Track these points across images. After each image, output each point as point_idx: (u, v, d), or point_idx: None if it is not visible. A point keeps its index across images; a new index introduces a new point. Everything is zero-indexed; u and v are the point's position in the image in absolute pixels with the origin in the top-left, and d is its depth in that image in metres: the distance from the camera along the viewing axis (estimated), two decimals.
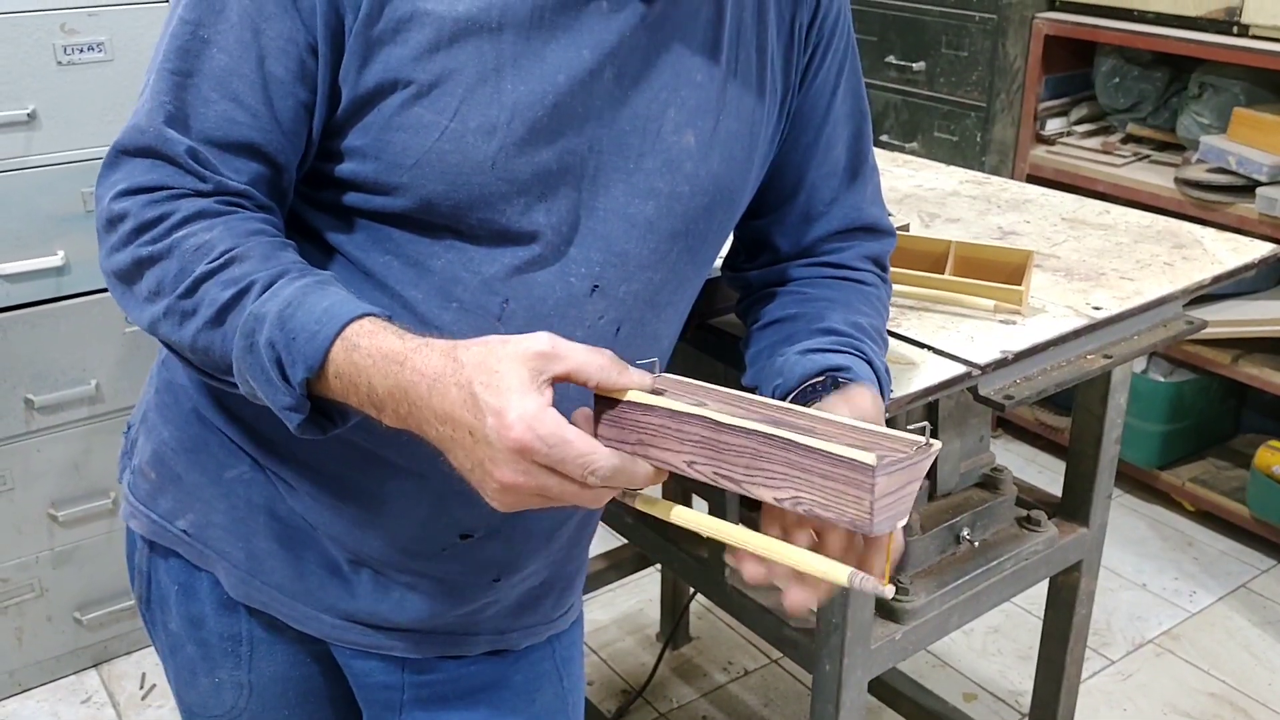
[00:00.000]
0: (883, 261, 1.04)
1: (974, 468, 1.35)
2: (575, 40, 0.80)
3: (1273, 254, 1.30)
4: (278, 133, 0.77)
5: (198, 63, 0.76)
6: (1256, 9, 2.24)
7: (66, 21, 1.82)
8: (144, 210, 0.75)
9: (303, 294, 0.72)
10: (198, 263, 0.74)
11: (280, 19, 0.75)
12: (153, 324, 0.77)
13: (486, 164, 0.78)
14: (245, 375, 0.74)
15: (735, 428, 0.67)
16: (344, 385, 0.71)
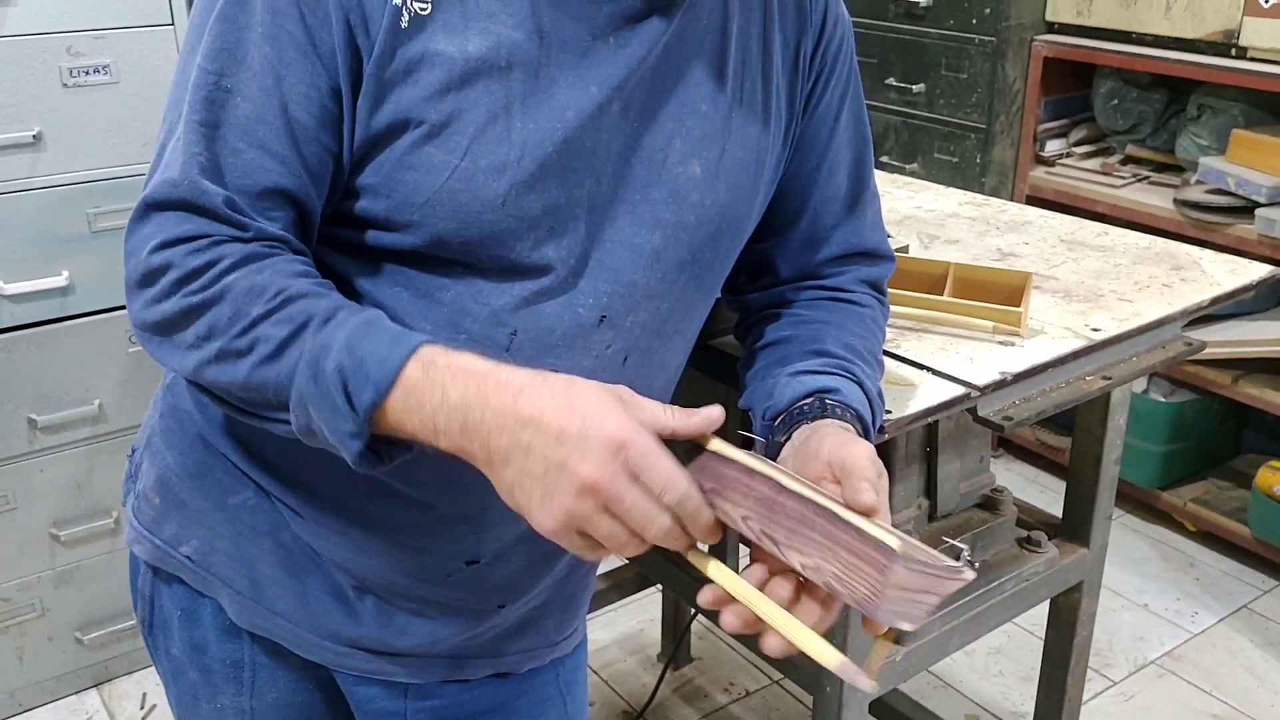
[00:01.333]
0: (881, 285, 1.05)
1: (974, 488, 1.35)
2: (582, 77, 0.81)
3: (1271, 276, 1.31)
4: (306, 177, 0.78)
5: (223, 113, 0.76)
6: (1254, 32, 2.25)
7: (73, 44, 1.83)
8: (188, 259, 0.75)
9: (368, 324, 0.73)
10: (253, 304, 0.74)
11: (301, 65, 0.76)
12: (199, 367, 0.76)
13: (497, 202, 0.79)
14: (307, 405, 0.73)
15: (795, 493, 0.71)
16: (411, 403, 0.71)
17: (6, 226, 1.84)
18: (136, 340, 0.82)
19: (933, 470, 1.30)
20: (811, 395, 0.89)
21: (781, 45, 0.93)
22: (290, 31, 0.75)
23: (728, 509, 0.73)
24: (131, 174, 1.93)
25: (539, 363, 0.84)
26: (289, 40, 0.75)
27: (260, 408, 0.77)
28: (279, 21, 0.75)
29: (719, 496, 0.73)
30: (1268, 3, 2.22)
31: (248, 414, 0.79)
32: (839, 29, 0.97)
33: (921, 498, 1.31)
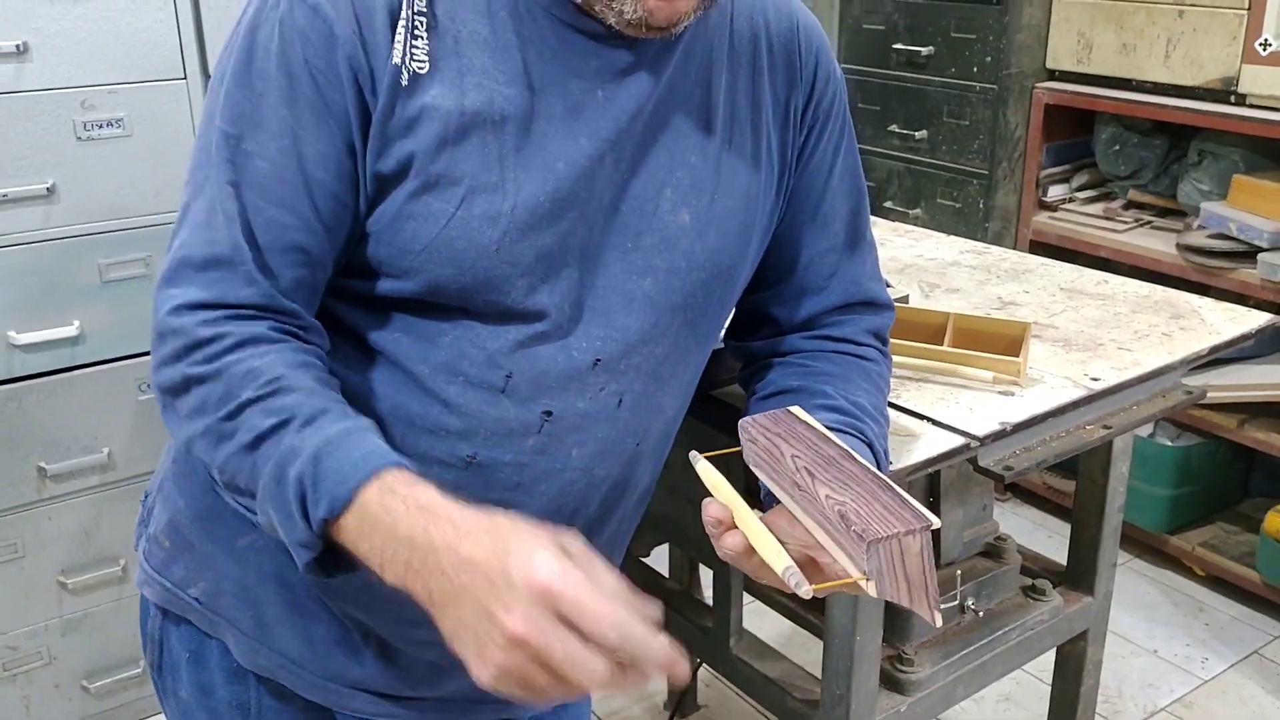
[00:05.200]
0: (883, 335, 1.06)
1: (977, 536, 1.35)
2: (574, 129, 0.83)
3: (1269, 324, 1.32)
4: (322, 232, 0.81)
5: (244, 174, 0.79)
6: (1253, 79, 2.28)
7: (87, 98, 1.87)
8: (199, 329, 0.77)
9: (342, 437, 0.74)
10: (244, 388, 0.76)
11: (316, 125, 0.79)
12: (189, 441, 0.79)
13: (491, 249, 0.81)
14: (267, 505, 0.75)
15: (855, 459, 0.78)
16: (364, 528, 0.71)
17: (19, 277, 1.86)
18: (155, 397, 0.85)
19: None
20: None
21: (772, 100, 0.96)
22: (305, 94, 0.79)
23: (782, 446, 0.78)
24: (142, 225, 1.96)
25: (535, 403, 0.86)
26: (304, 102, 0.79)
27: (233, 491, 0.80)
28: (295, 86, 0.79)
29: (781, 439, 0.78)
30: (1265, 50, 2.24)
31: (227, 493, 0.82)
32: (830, 85, 1.00)
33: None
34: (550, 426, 0.88)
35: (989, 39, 2.59)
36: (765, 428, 0.82)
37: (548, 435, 0.88)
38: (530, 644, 0.65)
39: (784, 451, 0.77)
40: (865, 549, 0.68)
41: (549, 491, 0.91)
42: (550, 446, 0.88)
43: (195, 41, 1.94)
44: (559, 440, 0.88)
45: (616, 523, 1.00)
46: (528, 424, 0.87)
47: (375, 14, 0.79)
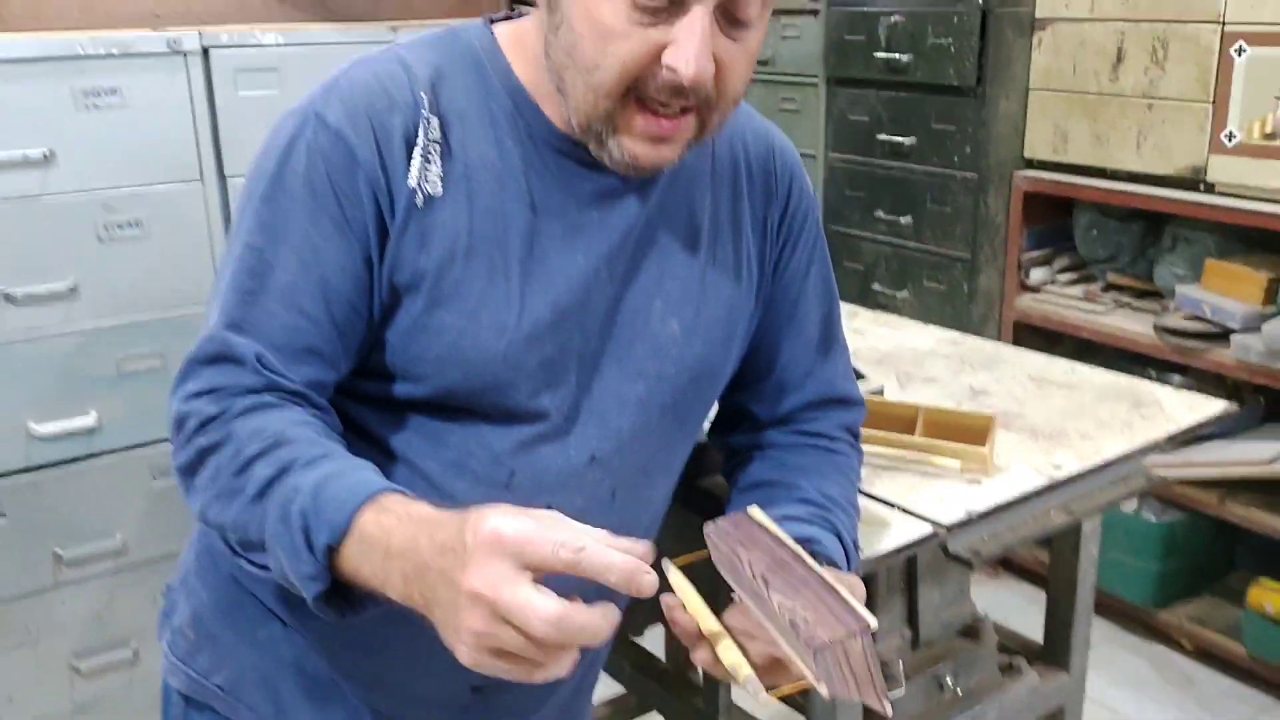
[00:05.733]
0: (855, 430, 1.14)
1: (955, 617, 1.42)
2: (572, 246, 0.92)
3: (1224, 412, 1.39)
4: (335, 337, 0.87)
5: (264, 282, 0.86)
6: (1220, 169, 2.38)
7: (109, 201, 1.97)
8: (207, 407, 0.83)
9: (339, 472, 0.78)
10: (250, 445, 0.80)
11: (336, 239, 0.86)
12: (205, 507, 0.83)
13: (498, 357, 0.89)
14: (276, 547, 0.78)
15: (803, 561, 0.82)
16: (365, 549, 0.74)
17: (40, 370, 1.95)
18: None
19: (914, 600, 1.37)
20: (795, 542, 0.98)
21: (750, 216, 1.05)
22: (328, 210, 0.86)
23: (740, 552, 0.83)
24: (158, 319, 2.05)
25: (536, 500, 0.93)
26: (326, 218, 0.86)
27: (247, 549, 0.82)
28: (318, 202, 0.86)
29: (739, 544, 0.84)
30: (1230, 142, 2.35)
31: (242, 556, 0.84)
32: (803, 201, 1.09)
33: (904, 626, 1.37)
34: None
35: (968, 130, 2.70)
36: (726, 533, 0.87)
37: None
38: (485, 595, 0.66)
39: (742, 557, 0.83)
40: (813, 655, 0.75)
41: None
42: None
43: (212, 145, 2.06)
44: None
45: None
46: None
47: (393, 140, 0.87)
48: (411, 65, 0.90)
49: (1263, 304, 2.35)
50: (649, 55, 0.83)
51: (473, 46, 0.93)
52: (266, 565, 0.82)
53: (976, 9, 2.60)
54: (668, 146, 0.88)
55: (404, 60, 0.91)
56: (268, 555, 0.81)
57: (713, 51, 0.83)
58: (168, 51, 1.96)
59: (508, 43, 0.94)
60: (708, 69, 0.83)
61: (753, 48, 0.87)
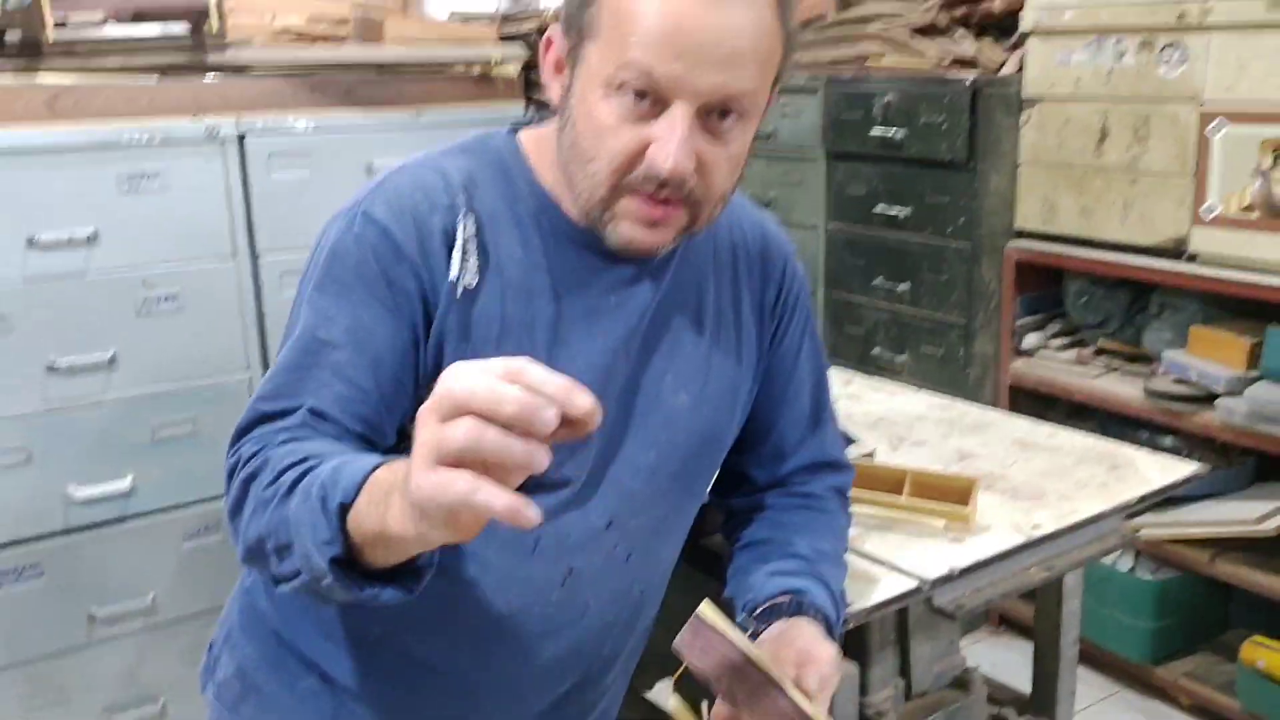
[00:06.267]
0: (844, 491, 1.24)
1: (946, 669, 1.50)
2: (592, 330, 1.03)
3: (1193, 475, 1.49)
4: (383, 407, 0.97)
5: (318, 358, 0.96)
6: (1202, 240, 2.49)
7: (148, 278, 2.09)
8: (249, 448, 0.92)
9: (357, 456, 0.83)
10: (283, 461, 0.88)
11: (386, 322, 0.97)
12: (245, 530, 0.89)
13: None
14: (297, 527, 0.81)
15: (758, 667, 0.89)
16: (372, 497, 0.76)
17: (80, 437, 2.06)
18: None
19: (906, 653, 1.46)
20: (785, 594, 1.08)
21: (749, 298, 1.16)
22: (378, 296, 0.97)
23: (704, 666, 0.91)
24: (192, 388, 2.16)
25: (560, 562, 1.04)
26: (376, 302, 0.97)
27: (279, 556, 0.85)
28: (369, 289, 0.97)
29: (701, 655, 0.92)
30: (1210, 215, 2.46)
31: (279, 580, 0.87)
32: (796, 283, 1.20)
33: (898, 678, 1.46)
34: (571, 581, 1.06)
35: (961, 202, 2.82)
36: (688, 644, 0.92)
37: (569, 589, 1.05)
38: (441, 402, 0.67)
39: (707, 672, 0.92)
40: None
41: (569, 636, 1.08)
42: (571, 598, 1.06)
43: (245, 225, 2.18)
44: (578, 592, 1.06)
45: (624, 660, 1.17)
46: (553, 580, 1.04)
47: (434, 238, 0.98)
48: (448, 171, 1.02)
49: (1245, 368, 2.44)
50: (637, 149, 0.94)
51: (500, 153, 1.05)
52: (296, 573, 0.84)
53: (966, 89, 2.74)
54: (660, 231, 0.98)
55: (441, 167, 1.02)
56: (294, 555, 0.83)
57: (696, 150, 0.94)
58: (206, 138, 2.10)
59: (530, 149, 1.06)
60: (685, 164, 0.93)
61: (735, 151, 0.97)
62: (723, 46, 0.91)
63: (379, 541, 0.77)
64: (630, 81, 0.92)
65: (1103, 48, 2.59)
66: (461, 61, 2.43)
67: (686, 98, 0.92)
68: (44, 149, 1.95)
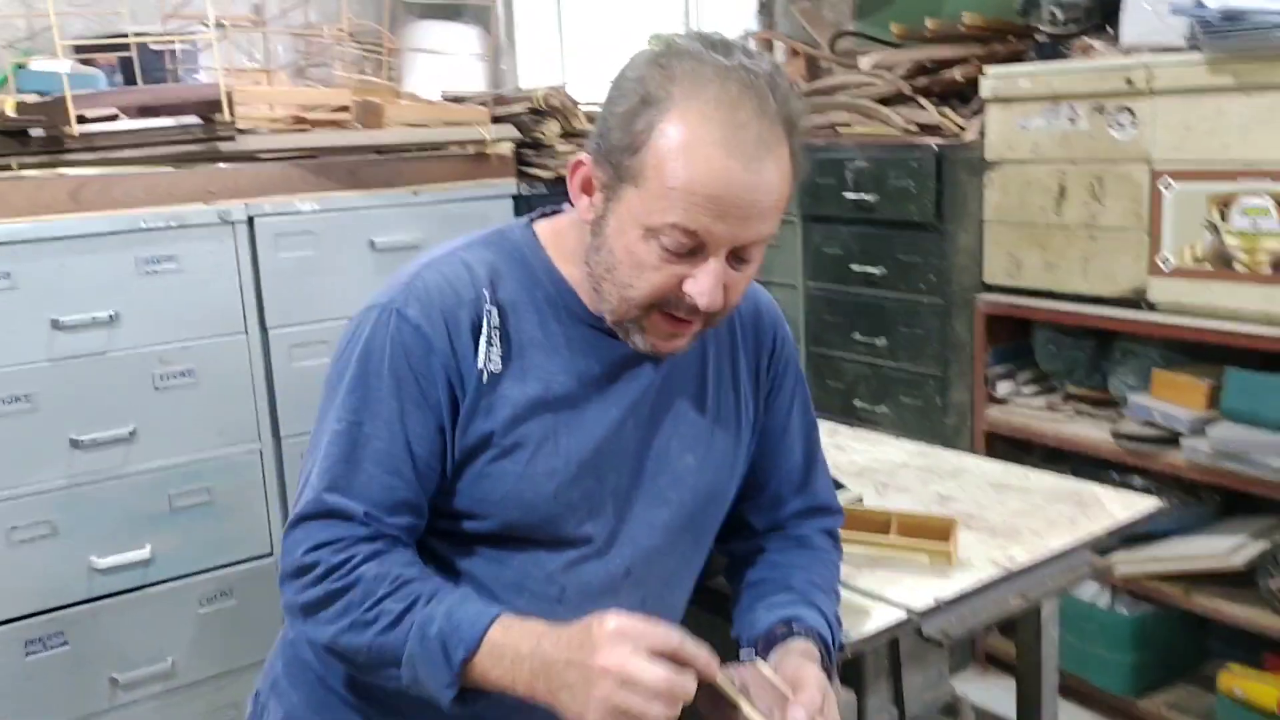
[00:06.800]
0: (835, 533, 1.36)
1: (936, 698, 1.60)
2: (605, 401, 1.15)
3: (1156, 510, 1.61)
4: (421, 491, 1.10)
5: (360, 450, 1.07)
6: (1159, 289, 2.64)
7: (164, 354, 2.20)
8: (331, 557, 1.05)
9: (461, 600, 1.03)
10: (378, 587, 1.03)
11: (418, 413, 1.09)
12: (335, 636, 1.04)
13: (550, 496, 1.11)
14: (415, 662, 1.00)
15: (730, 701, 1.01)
16: (495, 657, 0.99)
17: (103, 509, 2.15)
18: (287, 619, 1.12)
19: (899, 683, 1.56)
20: (782, 622, 1.18)
21: (745, 363, 1.28)
22: (409, 391, 1.09)
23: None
24: (207, 459, 2.26)
25: (582, 609, 1.14)
26: (409, 397, 1.08)
27: (378, 666, 1.04)
28: (401, 385, 1.09)
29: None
30: (1166, 266, 2.62)
31: (367, 671, 1.06)
32: (786, 346, 1.33)
33: (891, 706, 1.56)
34: None
35: (931, 260, 2.97)
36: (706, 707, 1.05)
37: None
38: (613, 670, 0.93)
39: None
40: None
41: None
42: None
43: (255, 303, 2.30)
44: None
45: None
46: None
47: (462, 329, 1.10)
48: (472, 265, 1.13)
49: (1206, 409, 2.58)
50: (674, 284, 1.06)
51: (519, 245, 1.17)
52: (396, 678, 1.03)
53: (932, 154, 2.90)
54: (681, 340, 1.12)
55: (466, 261, 1.14)
56: (399, 671, 1.02)
57: (724, 281, 1.06)
58: (218, 222, 2.22)
59: (547, 240, 1.18)
60: (720, 299, 1.06)
61: (751, 273, 1.11)
62: (757, 204, 1.03)
63: (491, 688, 1.00)
64: (673, 235, 1.03)
65: (1057, 113, 2.76)
66: (457, 141, 2.57)
67: (723, 247, 1.04)
68: (68, 237, 2.07)
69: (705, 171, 1.00)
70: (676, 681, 0.95)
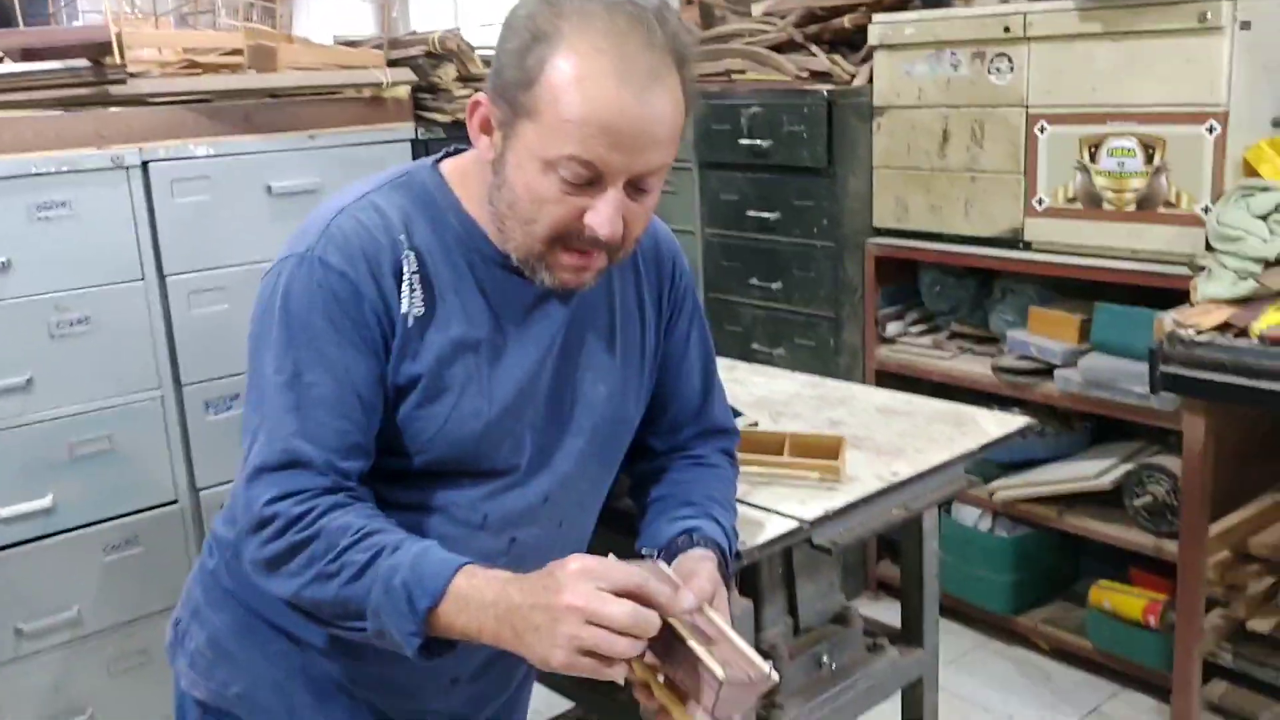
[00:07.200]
0: (731, 452, 1.44)
1: (828, 607, 1.71)
2: (523, 342, 1.20)
3: (1026, 426, 1.74)
4: (370, 433, 1.12)
5: (307, 399, 1.09)
6: (1034, 229, 2.78)
7: (59, 301, 2.17)
8: (292, 509, 1.06)
9: (425, 551, 1.05)
10: (341, 539, 1.05)
11: (358, 356, 1.11)
12: (299, 590, 1.06)
13: (477, 435, 1.16)
14: (380, 613, 1.02)
15: (682, 640, 1.03)
16: (459, 604, 1.01)
17: (2, 458, 2.13)
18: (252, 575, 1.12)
19: (793, 594, 1.66)
20: (683, 534, 1.26)
21: (649, 296, 1.34)
22: (348, 337, 1.11)
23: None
24: (107, 406, 2.24)
25: (503, 534, 1.21)
26: (348, 342, 1.11)
27: (344, 617, 1.07)
28: (339, 331, 1.10)
29: None
30: (1041, 206, 2.76)
31: (332, 623, 1.09)
32: (684, 277, 1.39)
33: (786, 616, 1.66)
34: (515, 549, 1.23)
35: (824, 204, 3.07)
36: None
37: (513, 556, 1.22)
38: (580, 608, 0.95)
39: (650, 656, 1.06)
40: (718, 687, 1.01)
41: None
42: (514, 564, 1.21)
43: (152, 248, 2.28)
44: (521, 558, 1.22)
45: None
46: (499, 549, 1.21)
47: (385, 274, 1.12)
48: (385, 210, 1.15)
49: (1078, 342, 2.74)
50: (575, 216, 1.09)
51: (426, 187, 1.19)
52: (362, 629, 1.06)
53: (823, 100, 2.99)
54: (588, 273, 1.15)
55: (378, 206, 1.15)
56: (365, 622, 1.05)
57: (624, 213, 1.09)
58: (111, 166, 2.19)
59: (454, 181, 1.20)
60: (619, 229, 1.09)
61: (651, 204, 1.15)
62: (651, 134, 1.07)
63: (457, 637, 1.03)
64: (570, 166, 1.06)
65: (941, 59, 2.87)
66: (353, 85, 2.57)
67: (620, 177, 1.08)
68: None
69: (598, 102, 1.04)
70: (641, 615, 0.97)
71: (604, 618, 0.96)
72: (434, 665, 1.23)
